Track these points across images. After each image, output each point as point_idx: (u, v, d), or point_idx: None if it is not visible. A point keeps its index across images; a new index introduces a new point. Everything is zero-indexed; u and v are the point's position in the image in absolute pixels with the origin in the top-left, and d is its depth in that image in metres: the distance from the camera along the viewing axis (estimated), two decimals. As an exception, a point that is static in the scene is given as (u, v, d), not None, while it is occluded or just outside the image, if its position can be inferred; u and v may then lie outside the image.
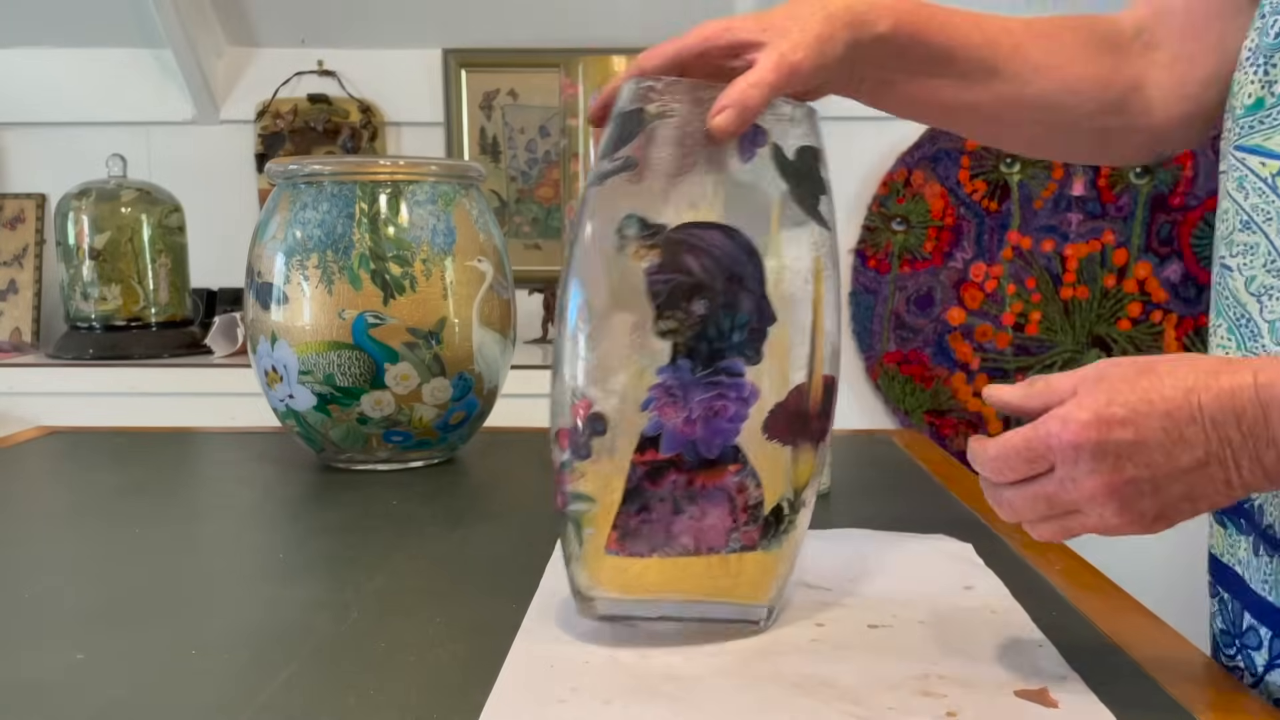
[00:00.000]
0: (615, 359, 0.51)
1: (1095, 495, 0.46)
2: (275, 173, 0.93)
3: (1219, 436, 0.45)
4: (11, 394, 1.70)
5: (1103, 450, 0.45)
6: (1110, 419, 0.45)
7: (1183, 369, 0.46)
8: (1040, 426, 0.47)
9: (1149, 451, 0.45)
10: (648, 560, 0.52)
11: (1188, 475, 0.46)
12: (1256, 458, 0.45)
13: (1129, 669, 0.52)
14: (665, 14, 1.99)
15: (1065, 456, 0.46)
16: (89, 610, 0.61)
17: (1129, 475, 0.46)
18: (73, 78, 2.07)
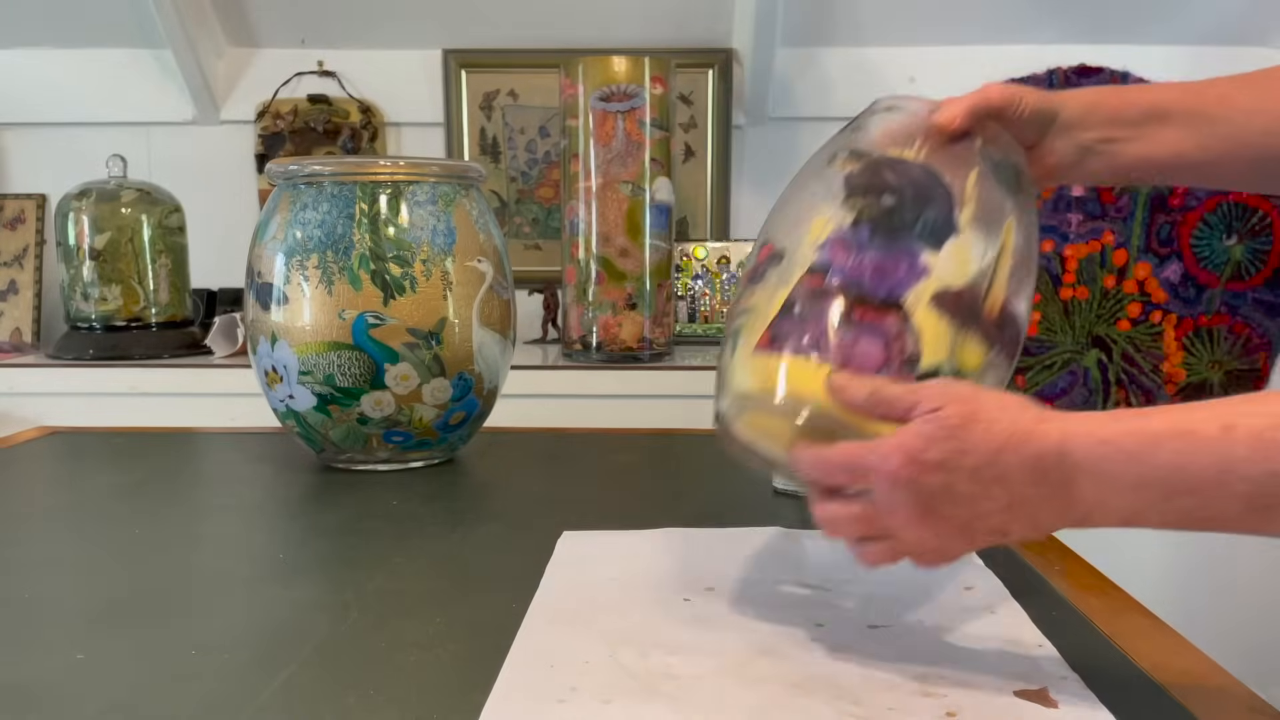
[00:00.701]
0: (804, 212, 0.57)
1: (909, 522, 0.50)
2: (275, 173, 0.93)
3: (1021, 495, 0.48)
4: (11, 394, 1.70)
5: (915, 489, 0.49)
6: (925, 464, 0.49)
7: (1000, 425, 0.49)
8: (867, 454, 0.51)
9: (957, 496, 0.49)
10: (791, 365, 0.54)
11: (994, 517, 0.49)
12: (1060, 512, 0.48)
13: (1128, 669, 0.52)
14: (665, 14, 1.99)
15: (882, 487, 0.50)
16: (89, 610, 0.61)
17: (939, 511, 0.49)
18: (73, 78, 2.07)
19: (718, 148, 2.05)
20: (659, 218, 1.66)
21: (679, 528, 0.75)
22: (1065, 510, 0.48)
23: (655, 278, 1.67)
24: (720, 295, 1.93)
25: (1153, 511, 0.47)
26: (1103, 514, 0.48)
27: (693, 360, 1.69)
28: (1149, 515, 0.47)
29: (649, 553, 0.70)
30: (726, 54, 2.03)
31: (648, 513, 0.81)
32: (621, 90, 1.61)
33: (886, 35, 1.99)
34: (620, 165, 1.62)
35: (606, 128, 1.62)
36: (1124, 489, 0.47)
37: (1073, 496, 0.48)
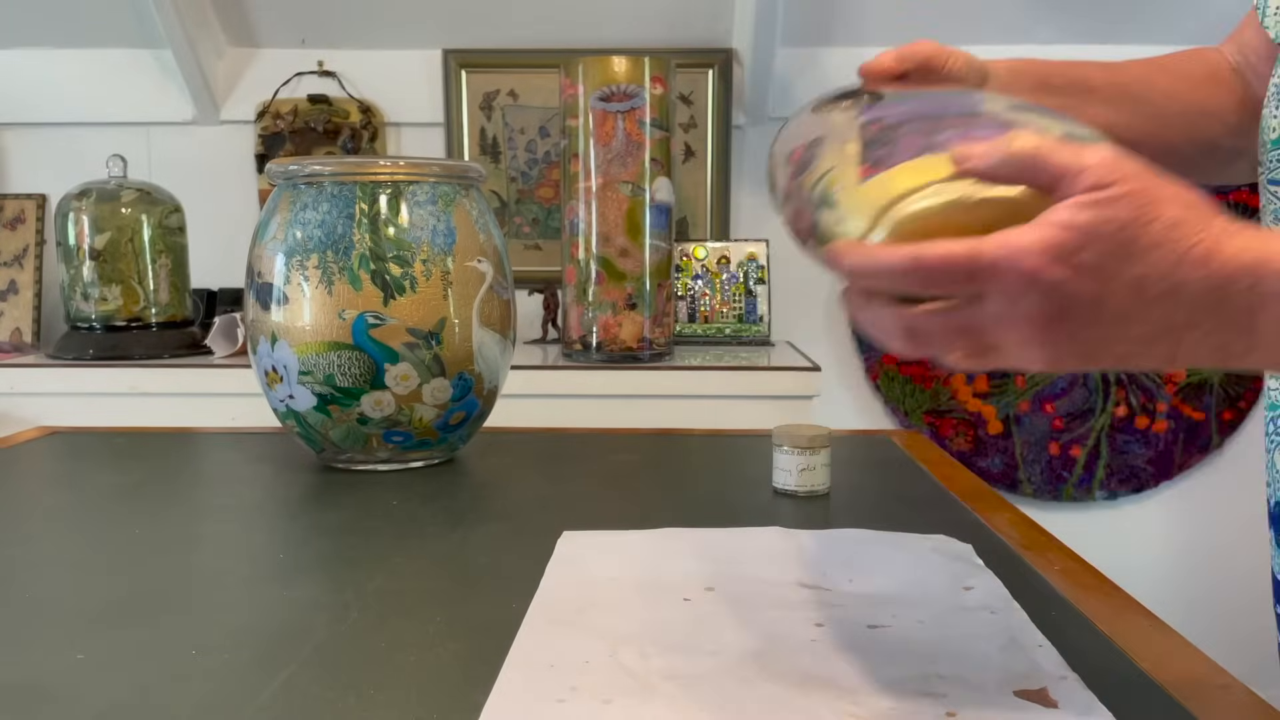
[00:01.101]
0: (814, 128, 0.55)
1: (1028, 338, 0.40)
2: (275, 173, 0.93)
3: (1185, 319, 0.40)
4: (12, 394, 1.70)
5: (1056, 293, 0.39)
6: (1077, 265, 0.39)
7: (1185, 228, 0.39)
8: (994, 244, 0.39)
9: (1103, 313, 0.40)
10: (901, 172, 0.46)
11: (1131, 343, 0.41)
12: (1219, 347, 0.40)
13: (1129, 669, 0.52)
14: (665, 14, 1.99)
15: (1011, 288, 0.39)
16: (89, 610, 0.61)
17: (1070, 329, 0.40)
18: (73, 78, 2.07)
19: (718, 148, 2.05)
20: (659, 218, 1.66)
21: (679, 528, 0.75)
22: (1231, 344, 0.40)
23: (655, 278, 1.67)
24: (720, 295, 1.93)
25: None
26: (1274, 353, 0.40)
27: (693, 360, 1.69)
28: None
29: (649, 553, 0.70)
30: (726, 54, 2.03)
31: (648, 513, 0.81)
32: (621, 90, 1.61)
33: (886, 35, 1.99)
34: (620, 165, 1.62)
35: (606, 128, 1.62)
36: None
37: (1252, 328, 0.39)
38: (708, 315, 1.94)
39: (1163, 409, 2.07)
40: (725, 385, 1.60)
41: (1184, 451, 2.08)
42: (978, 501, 0.84)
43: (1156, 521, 2.12)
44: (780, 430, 0.86)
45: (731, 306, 1.93)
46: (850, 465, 0.97)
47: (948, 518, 0.79)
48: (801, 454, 0.85)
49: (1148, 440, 2.08)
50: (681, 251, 1.93)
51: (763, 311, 1.93)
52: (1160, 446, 2.08)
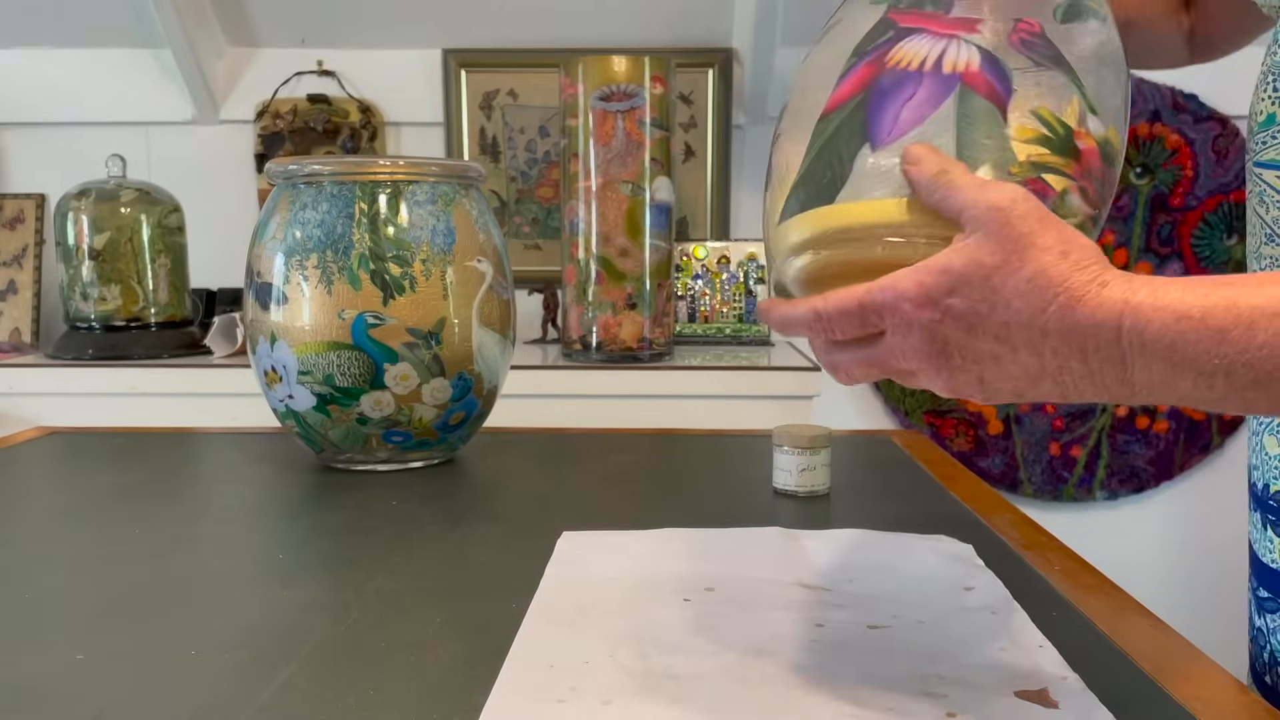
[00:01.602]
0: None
1: (925, 368, 0.45)
2: (275, 173, 0.93)
3: (1055, 365, 0.42)
4: (11, 394, 1.70)
5: (932, 333, 0.43)
6: (947, 310, 0.43)
7: (1050, 276, 0.41)
8: (878, 292, 0.44)
9: (978, 353, 0.43)
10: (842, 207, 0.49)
11: (1016, 380, 0.44)
12: (1102, 388, 0.42)
13: (1129, 669, 0.52)
14: (665, 14, 1.99)
15: (896, 327, 0.44)
16: (89, 610, 0.61)
17: (954, 365, 0.44)
18: (72, 78, 2.07)
19: (718, 148, 2.05)
20: (659, 217, 1.66)
21: (679, 528, 0.75)
22: (1108, 388, 0.42)
23: (655, 278, 1.67)
24: (720, 295, 1.93)
25: (1229, 399, 0.40)
26: (1158, 395, 0.41)
27: (693, 360, 1.69)
28: (1217, 399, 0.41)
29: (649, 553, 0.70)
30: (726, 54, 2.03)
31: (648, 513, 0.81)
32: (621, 90, 1.61)
33: (886, 35, 1.99)
34: (620, 165, 1.62)
35: (606, 127, 1.62)
36: (1199, 373, 0.40)
37: (1126, 377, 0.41)
38: (708, 315, 1.94)
39: (1163, 409, 2.07)
40: (725, 385, 1.60)
41: (1184, 451, 2.08)
42: (978, 502, 0.84)
43: (1156, 521, 2.12)
44: (780, 430, 0.86)
45: (731, 306, 1.93)
46: (850, 465, 0.97)
47: (948, 518, 0.79)
48: (801, 454, 0.85)
49: (1148, 440, 2.08)
50: (681, 251, 1.93)
51: (762, 311, 1.93)
52: (1161, 446, 2.08)
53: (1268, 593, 0.66)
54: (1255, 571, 0.68)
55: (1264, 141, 0.62)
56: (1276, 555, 0.65)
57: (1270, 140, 0.61)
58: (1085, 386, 0.43)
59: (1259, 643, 0.68)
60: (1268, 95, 0.62)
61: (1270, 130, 0.61)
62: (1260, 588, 0.67)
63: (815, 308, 0.47)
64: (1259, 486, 0.67)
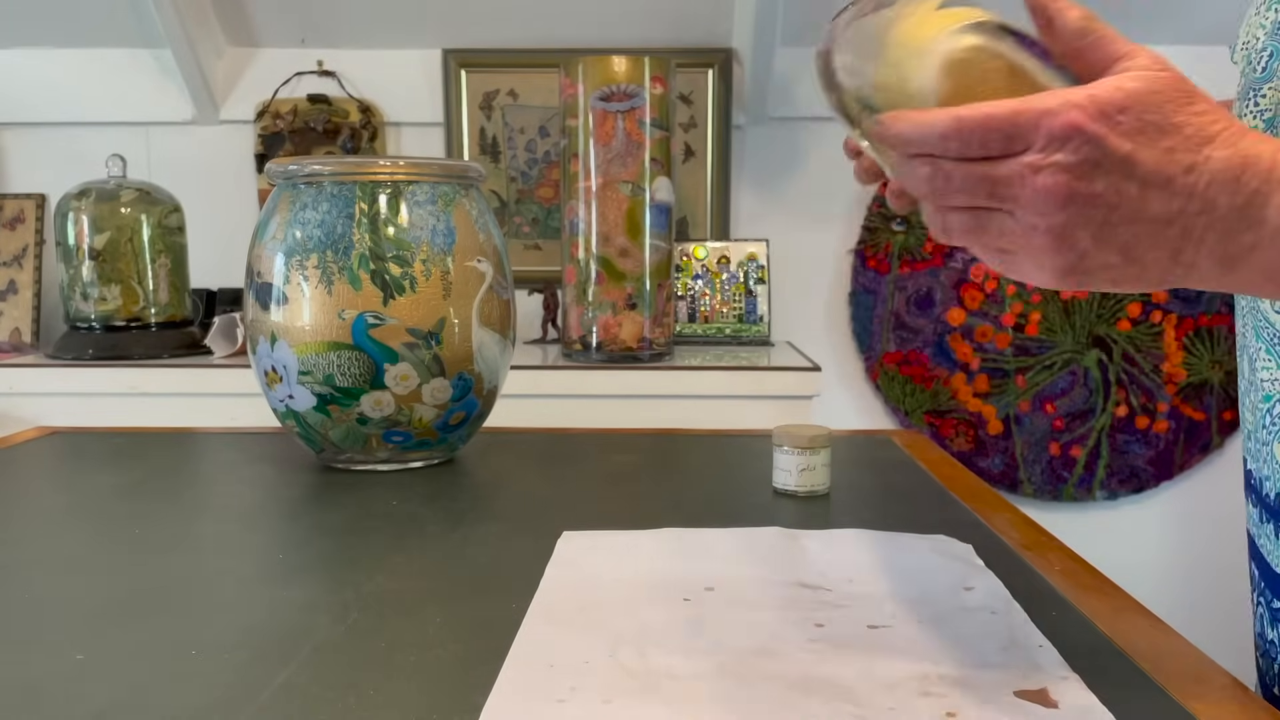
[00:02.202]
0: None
1: (1049, 195, 0.42)
2: (275, 173, 0.93)
3: (1206, 198, 0.42)
4: (11, 394, 1.70)
5: (1090, 146, 0.41)
6: (1116, 124, 0.41)
7: (1216, 114, 0.43)
8: (1037, 101, 0.42)
9: (1130, 178, 0.42)
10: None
11: (1146, 225, 0.42)
12: (1228, 237, 0.42)
13: (1129, 669, 0.52)
14: (665, 14, 1.99)
15: (1050, 138, 0.42)
16: (89, 610, 0.61)
17: (1095, 190, 0.42)
18: (72, 78, 2.07)
19: (718, 148, 2.05)
20: (659, 218, 1.66)
21: (679, 528, 0.75)
22: (1238, 235, 0.42)
23: (655, 278, 1.67)
24: (720, 295, 1.93)
25: None
26: (1275, 250, 0.42)
27: (693, 360, 1.69)
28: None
29: (649, 553, 0.70)
30: (726, 54, 2.03)
31: (648, 513, 0.81)
32: (621, 90, 1.61)
33: (886, 35, 1.99)
34: (620, 165, 1.62)
35: (606, 127, 1.62)
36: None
37: (1261, 219, 0.42)
38: (708, 315, 1.94)
39: (1163, 409, 2.07)
40: (725, 385, 1.60)
41: (1184, 451, 2.08)
42: (978, 501, 0.84)
43: (1156, 521, 2.12)
44: (780, 430, 0.86)
45: (731, 306, 1.93)
46: (850, 465, 0.97)
47: (948, 518, 0.79)
48: (801, 454, 0.85)
49: (1148, 440, 2.08)
50: (681, 251, 1.93)
51: (763, 311, 1.93)
52: (1160, 446, 2.08)
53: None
54: (1268, 583, 0.68)
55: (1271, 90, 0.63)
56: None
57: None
58: (1210, 235, 0.42)
59: (1271, 654, 0.68)
60: (1249, 110, 0.63)
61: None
62: (1275, 599, 0.67)
63: (959, 115, 0.43)
64: (1271, 496, 0.66)
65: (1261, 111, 0.62)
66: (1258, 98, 0.62)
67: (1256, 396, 0.69)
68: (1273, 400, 0.67)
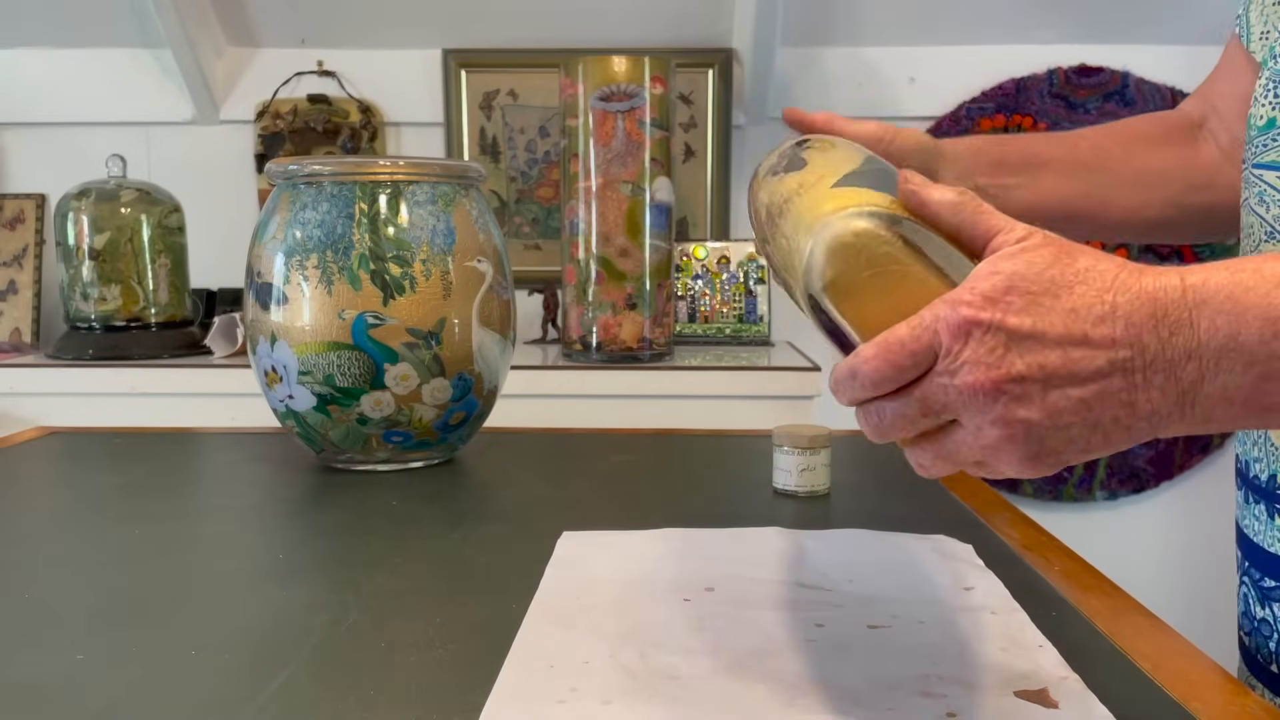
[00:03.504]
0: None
1: (975, 392, 0.41)
2: (275, 173, 0.93)
3: (1130, 341, 0.41)
4: (11, 394, 1.70)
5: (991, 334, 0.41)
6: (1007, 305, 0.41)
7: (1104, 264, 0.42)
8: (926, 311, 0.42)
9: (1044, 347, 0.41)
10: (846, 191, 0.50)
11: (1085, 385, 0.41)
12: (1172, 373, 0.41)
13: (1129, 669, 0.52)
14: (665, 14, 1.99)
15: (951, 340, 0.41)
16: (89, 610, 0.61)
17: (1016, 371, 0.41)
18: (72, 78, 2.07)
19: (718, 148, 2.05)
20: (659, 218, 1.66)
21: (679, 528, 0.75)
22: (1180, 366, 0.41)
23: (655, 278, 1.67)
24: (720, 295, 1.93)
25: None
26: (1225, 364, 0.40)
27: (693, 360, 1.69)
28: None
29: (649, 553, 0.70)
30: (726, 54, 2.03)
31: (648, 513, 0.81)
32: (621, 90, 1.61)
33: (886, 35, 1.99)
34: (620, 165, 1.62)
35: (606, 128, 1.62)
36: (1265, 319, 0.40)
37: (1195, 342, 0.40)
38: (708, 315, 1.94)
39: (1162, 409, 2.07)
40: (725, 385, 1.60)
41: (1184, 452, 2.08)
42: (978, 501, 0.84)
43: (1156, 521, 2.12)
44: (780, 430, 0.86)
45: (731, 306, 1.93)
46: (850, 465, 0.97)
47: (948, 518, 0.79)
48: (801, 454, 0.85)
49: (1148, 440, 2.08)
50: (681, 251, 1.93)
51: (763, 311, 1.93)
52: (1160, 446, 2.08)
53: (1274, 581, 0.67)
54: (1256, 563, 0.69)
55: (1264, 145, 0.63)
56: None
57: (1270, 143, 0.63)
58: (1155, 374, 0.41)
59: (1263, 633, 0.68)
60: (1268, 101, 0.63)
61: (1270, 134, 0.63)
62: (1265, 578, 0.68)
63: (853, 364, 0.43)
64: (1262, 478, 0.67)
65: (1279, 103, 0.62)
66: (1278, 89, 0.62)
67: None
68: None
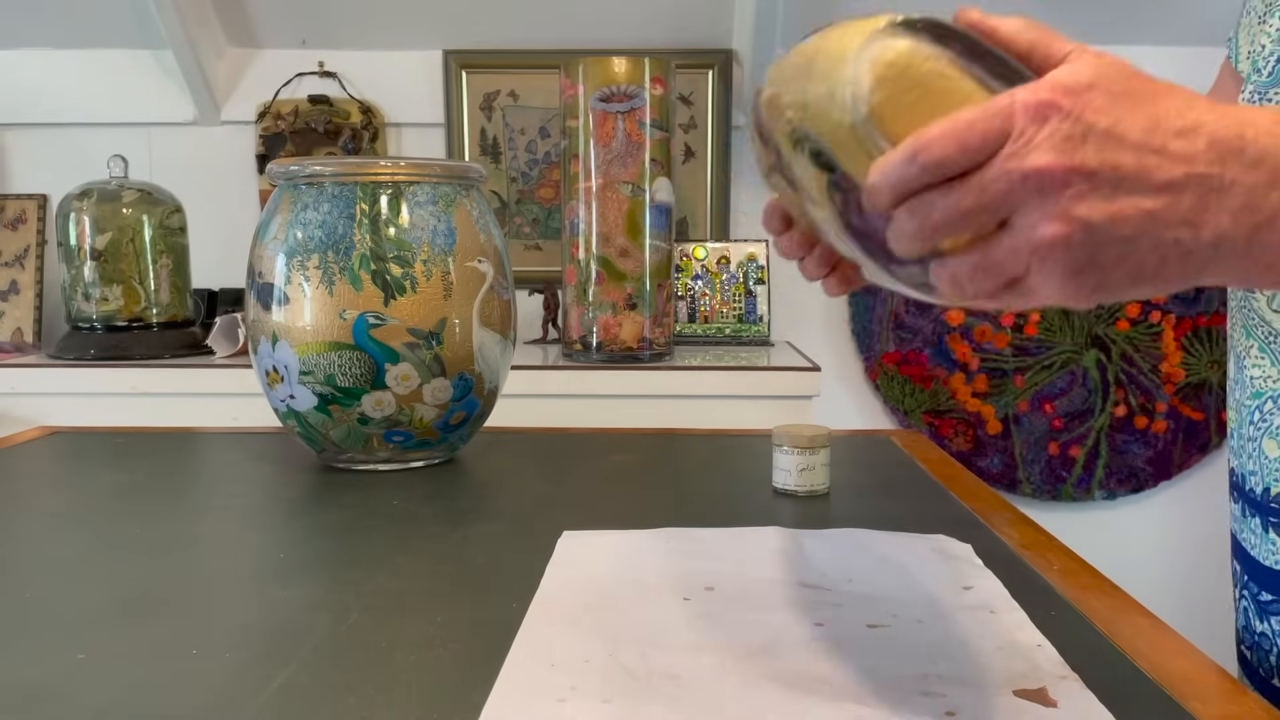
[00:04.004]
0: None
1: (1042, 179, 0.37)
2: (276, 174, 0.94)
3: (1211, 160, 0.37)
4: (12, 394, 1.70)
5: (1070, 121, 0.37)
6: (1088, 100, 0.38)
7: (1186, 91, 0.39)
8: (1003, 96, 0.39)
9: (1120, 148, 0.37)
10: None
11: (1156, 197, 0.37)
12: (1249, 201, 0.37)
13: (1128, 669, 0.52)
14: (665, 14, 1.99)
15: (1026, 122, 0.38)
16: (89, 610, 0.61)
17: (1089, 164, 0.37)
18: (74, 79, 2.07)
19: (718, 148, 2.05)
20: (659, 218, 1.66)
21: (679, 528, 0.75)
22: (1262, 192, 0.37)
23: (655, 278, 1.67)
24: (720, 295, 1.93)
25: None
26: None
27: (693, 360, 1.69)
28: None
29: (649, 553, 0.70)
30: (726, 54, 2.03)
31: (648, 513, 0.81)
32: (621, 91, 1.61)
33: (887, 35, 1.99)
34: (620, 165, 1.62)
35: (606, 128, 1.62)
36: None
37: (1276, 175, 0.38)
38: (708, 315, 1.94)
39: (1162, 409, 2.07)
40: (725, 385, 1.60)
41: (1183, 451, 2.08)
42: (977, 501, 0.84)
43: (1156, 521, 2.12)
44: (780, 430, 0.86)
45: (731, 306, 1.93)
46: (850, 465, 0.97)
47: (948, 518, 0.79)
48: (801, 454, 0.85)
49: (1147, 440, 2.08)
50: (681, 251, 1.93)
51: (763, 311, 1.93)
52: (1159, 446, 2.08)
53: (1271, 595, 0.66)
54: (1254, 576, 0.68)
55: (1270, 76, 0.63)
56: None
57: None
58: (1230, 196, 0.37)
59: (1264, 646, 0.68)
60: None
61: None
62: (1262, 592, 0.67)
63: (918, 136, 0.38)
64: (1257, 491, 0.67)
65: None
66: (1263, 101, 0.62)
67: (1244, 393, 0.69)
68: (1263, 397, 0.67)
